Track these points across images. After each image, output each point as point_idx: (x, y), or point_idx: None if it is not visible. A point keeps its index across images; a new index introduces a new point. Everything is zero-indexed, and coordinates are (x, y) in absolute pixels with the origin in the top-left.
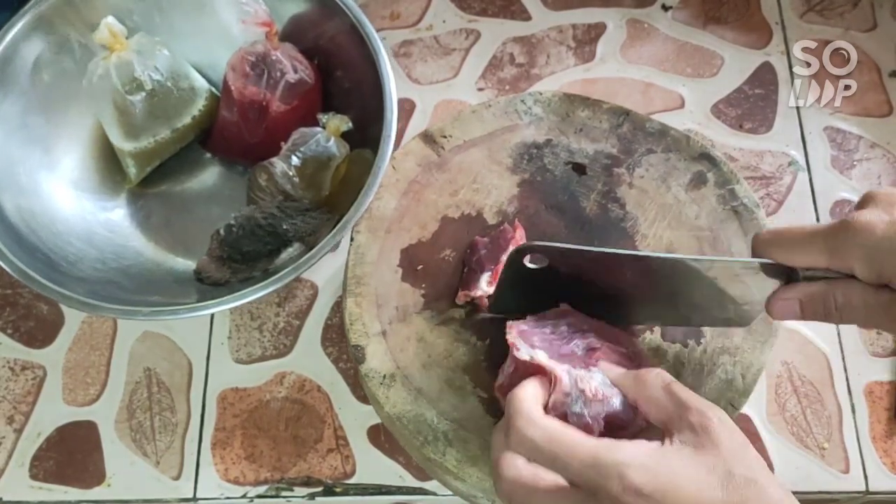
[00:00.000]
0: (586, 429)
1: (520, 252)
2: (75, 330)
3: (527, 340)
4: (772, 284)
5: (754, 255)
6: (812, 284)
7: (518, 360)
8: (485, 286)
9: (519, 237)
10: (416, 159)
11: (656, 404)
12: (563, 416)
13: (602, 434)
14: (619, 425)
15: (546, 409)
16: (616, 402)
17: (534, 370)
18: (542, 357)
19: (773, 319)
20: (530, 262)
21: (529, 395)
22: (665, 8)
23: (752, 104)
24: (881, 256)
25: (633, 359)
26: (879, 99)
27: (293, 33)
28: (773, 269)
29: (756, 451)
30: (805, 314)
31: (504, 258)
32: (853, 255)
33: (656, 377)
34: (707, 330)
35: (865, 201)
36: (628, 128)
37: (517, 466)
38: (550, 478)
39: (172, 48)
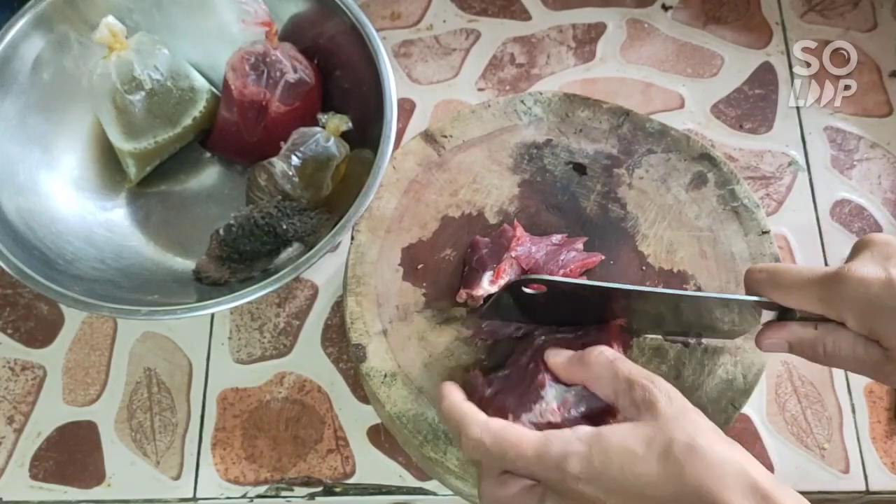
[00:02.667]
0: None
1: (522, 282)
2: (75, 330)
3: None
4: (766, 314)
5: (747, 289)
6: (804, 327)
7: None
8: (486, 285)
9: (520, 235)
10: (417, 159)
11: (601, 384)
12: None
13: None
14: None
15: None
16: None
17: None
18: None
19: (761, 351)
20: (528, 289)
21: (458, 398)
22: (665, 8)
23: (752, 104)
24: (873, 314)
25: None
26: (879, 99)
27: (293, 33)
28: (769, 303)
29: (699, 414)
30: (793, 352)
31: (505, 259)
32: (845, 308)
33: (599, 356)
34: None
35: (861, 248)
36: (628, 128)
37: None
38: (517, 483)
39: (172, 48)
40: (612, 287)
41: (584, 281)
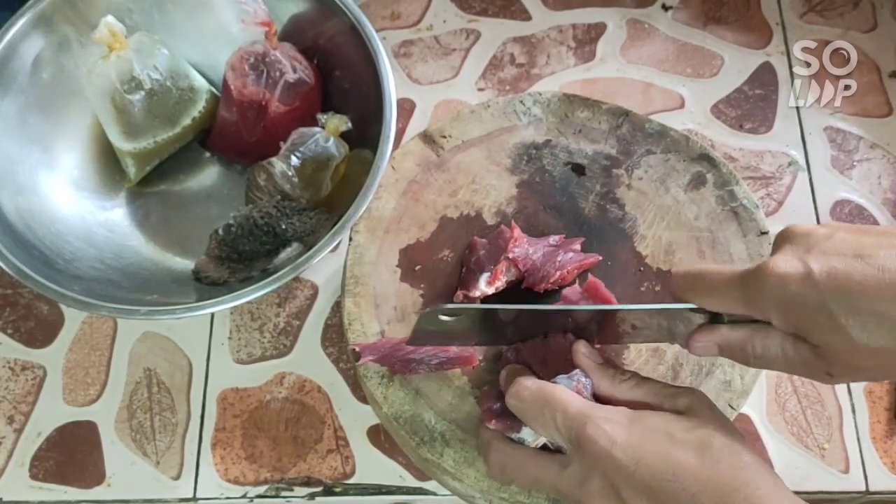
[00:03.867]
0: None
1: (430, 314)
2: (75, 330)
3: None
4: (698, 318)
5: (673, 295)
6: (732, 330)
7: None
8: (484, 286)
9: (517, 236)
10: (416, 159)
11: (634, 402)
12: None
13: None
14: None
15: None
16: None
17: None
18: None
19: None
20: (444, 315)
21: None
22: (665, 8)
23: (752, 104)
24: (795, 311)
25: None
26: (879, 99)
27: (293, 33)
28: (695, 309)
29: (734, 425)
30: (724, 356)
31: (502, 260)
32: (768, 307)
33: (631, 380)
34: None
35: (782, 241)
36: (627, 129)
37: (508, 446)
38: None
39: (172, 47)
40: (527, 309)
41: (492, 306)
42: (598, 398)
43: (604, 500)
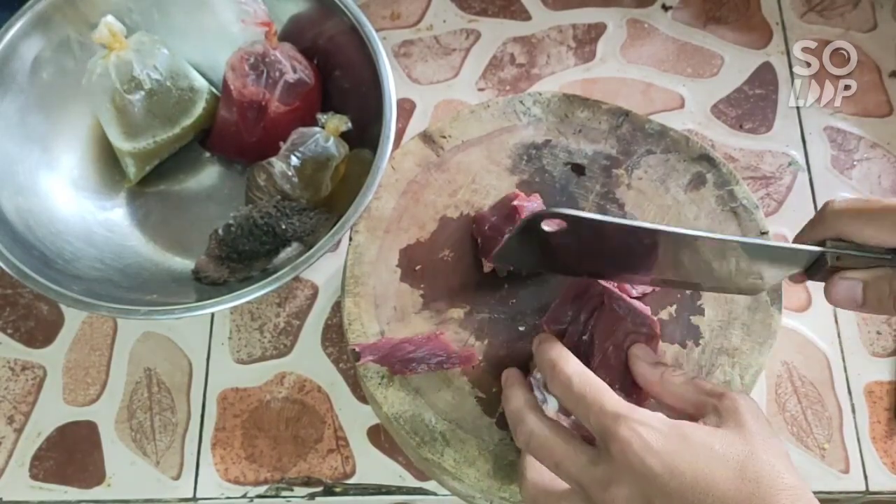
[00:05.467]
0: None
1: (538, 217)
2: (75, 330)
3: None
4: (789, 269)
5: (822, 224)
6: (876, 269)
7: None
8: None
9: (521, 194)
10: (416, 159)
11: (682, 397)
12: None
13: None
14: None
15: None
16: None
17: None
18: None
19: (832, 304)
20: (547, 226)
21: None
22: (665, 8)
23: (752, 104)
24: None
25: (650, 340)
26: (879, 99)
27: (293, 33)
28: (801, 254)
29: (776, 437)
30: (867, 299)
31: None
32: None
33: (681, 376)
34: (706, 331)
35: None
36: (627, 129)
37: (540, 419)
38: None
39: (172, 47)
40: (644, 227)
41: (609, 218)
42: (639, 395)
43: None
